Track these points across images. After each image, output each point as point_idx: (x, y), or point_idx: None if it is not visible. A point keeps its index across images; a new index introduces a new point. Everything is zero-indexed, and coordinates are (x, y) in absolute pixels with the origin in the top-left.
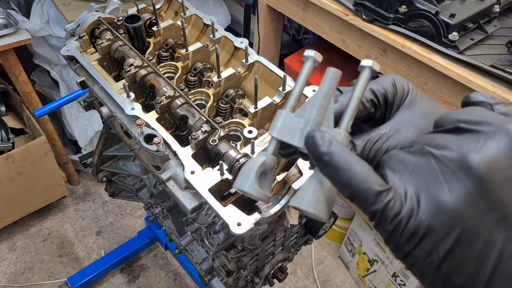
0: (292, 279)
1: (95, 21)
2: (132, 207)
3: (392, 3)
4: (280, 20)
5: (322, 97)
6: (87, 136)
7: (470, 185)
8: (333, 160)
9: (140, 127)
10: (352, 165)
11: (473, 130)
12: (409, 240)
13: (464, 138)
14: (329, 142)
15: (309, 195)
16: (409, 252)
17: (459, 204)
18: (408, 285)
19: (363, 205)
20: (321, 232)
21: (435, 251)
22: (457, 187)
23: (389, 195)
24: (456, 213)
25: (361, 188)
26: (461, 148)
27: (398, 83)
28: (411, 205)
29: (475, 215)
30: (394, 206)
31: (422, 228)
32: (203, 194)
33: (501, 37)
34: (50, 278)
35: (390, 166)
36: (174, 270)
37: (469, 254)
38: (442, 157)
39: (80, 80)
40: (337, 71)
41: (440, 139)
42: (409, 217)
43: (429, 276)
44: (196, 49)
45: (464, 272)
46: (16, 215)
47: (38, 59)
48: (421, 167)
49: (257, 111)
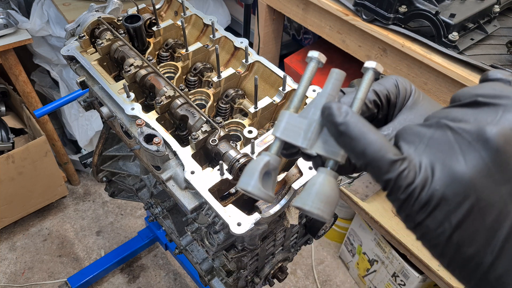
0: (292, 279)
1: (95, 21)
2: (132, 207)
3: (392, 3)
4: (280, 20)
5: (326, 98)
6: (87, 136)
7: (486, 156)
8: (349, 130)
9: (140, 127)
10: (367, 134)
11: (491, 104)
12: (421, 210)
13: (482, 111)
14: (346, 112)
15: (312, 196)
16: (420, 221)
17: (474, 174)
18: (408, 285)
19: (377, 173)
20: (321, 232)
21: (447, 221)
22: (473, 158)
23: (403, 165)
24: (471, 183)
25: (376, 156)
26: (478, 121)
27: (400, 84)
28: (425, 175)
29: (490, 186)
30: (408, 176)
31: (436, 197)
32: (203, 194)
33: (501, 37)
34: (50, 278)
35: (405, 139)
36: (174, 270)
37: (481, 224)
38: (458, 129)
39: (80, 80)
40: (341, 72)
41: (457, 113)
42: (423, 186)
43: (439, 246)
44: (196, 49)
45: (475, 242)
46: (16, 215)
47: (38, 59)
48: (437, 139)
49: (257, 111)
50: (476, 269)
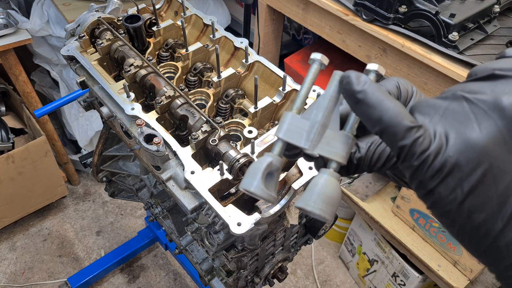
0: (292, 279)
1: (95, 21)
2: (132, 207)
3: (392, 3)
4: (280, 20)
5: (328, 100)
6: (87, 136)
7: (501, 124)
8: (367, 97)
9: (140, 127)
10: (384, 102)
11: (508, 76)
12: (434, 176)
13: (498, 83)
14: (364, 81)
15: (314, 196)
16: (432, 188)
17: (488, 142)
18: (408, 285)
19: (392, 139)
20: (321, 232)
21: (459, 187)
22: (488, 126)
23: (419, 132)
24: (484, 150)
25: (392, 123)
26: (495, 92)
27: (402, 86)
28: (439, 142)
29: (504, 153)
30: (423, 143)
31: (449, 164)
32: (203, 194)
33: (501, 37)
34: (50, 278)
35: (421, 111)
36: (174, 270)
37: (493, 191)
38: (475, 100)
39: (80, 80)
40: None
41: (474, 86)
42: (437, 153)
43: (450, 213)
44: (196, 49)
45: (486, 209)
46: (16, 215)
47: (38, 59)
48: (452, 110)
49: (257, 111)
50: (486, 236)
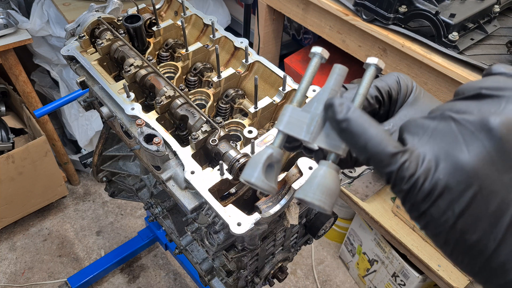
0: (292, 279)
1: (95, 21)
2: (132, 207)
3: (392, 3)
4: (280, 20)
5: (329, 93)
6: (87, 136)
7: (489, 145)
8: (350, 126)
9: (140, 127)
10: (368, 130)
11: (495, 96)
12: (425, 199)
13: (485, 103)
14: (347, 108)
15: (314, 187)
16: (424, 211)
17: (477, 163)
18: (408, 285)
19: (379, 167)
20: (321, 232)
21: (450, 209)
22: (476, 147)
23: (404, 156)
24: (473, 172)
25: (376, 150)
26: (482, 112)
27: (402, 81)
28: (428, 165)
29: (493, 174)
30: (410, 167)
31: (439, 186)
32: (203, 194)
33: (501, 37)
34: (50, 278)
35: (410, 131)
36: (174, 270)
37: (484, 212)
38: (462, 120)
39: (80, 80)
40: (344, 68)
41: (461, 105)
42: (426, 176)
43: (443, 234)
44: (196, 49)
45: (478, 229)
46: (16, 215)
47: (38, 59)
48: (441, 130)
49: (257, 111)
50: (479, 256)
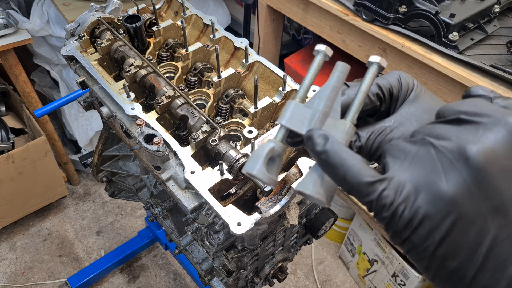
0: (292, 279)
1: (95, 21)
2: (132, 207)
3: (392, 3)
4: (280, 20)
5: (330, 90)
6: (87, 136)
7: (466, 174)
8: (329, 158)
9: (140, 127)
10: (345, 161)
11: (473, 122)
12: (406, 227)
13: (463, 129)
14: (325, 141)
15: (313, 181)
16: (406, 238)
17: (455, 192)
18: (408, 285)
19: (360, 197)
20: (321, 232)
21: (431, 237)
22: (454, 177)
23: (382, 185)
24: (452, 201)
25: (355, 182)
26: (460, 139)
27: (403, 79)
28: (407, 193)
29: (471, 203)
30: (389, 195)
31: (419, 215)
32: (203, 194)
33: (501, 37)
34: (50, 278)
35: (392, 155)
36: (174, 270)
37: (463, 240)
38: (441, 147)
39: (80, 80)
40: (346, 66)
41: (440, 130)
42: (406, 204)
43: (425, 260)
44: (196, 49)
45: (458, 257)
46: (16, 215)
47: (38, 59)
48: (421, 157)
49: (257, 111)
50: (460, 282)
